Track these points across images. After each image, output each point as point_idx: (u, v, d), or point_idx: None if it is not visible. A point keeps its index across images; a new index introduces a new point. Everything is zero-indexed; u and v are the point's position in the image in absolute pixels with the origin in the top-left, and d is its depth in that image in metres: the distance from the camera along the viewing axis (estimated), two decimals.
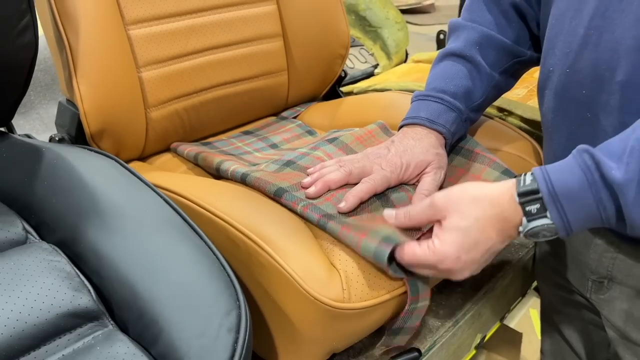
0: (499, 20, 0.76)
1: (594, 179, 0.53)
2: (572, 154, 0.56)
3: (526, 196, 0.56)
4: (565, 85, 0.65)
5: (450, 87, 0.74)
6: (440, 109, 0.74)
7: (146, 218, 0.55)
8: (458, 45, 0.76)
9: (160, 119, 0.87)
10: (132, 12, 0.81)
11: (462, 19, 0.78)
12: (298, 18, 0.99)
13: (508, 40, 0.76)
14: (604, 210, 0.54)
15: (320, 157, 0.77)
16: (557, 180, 0.55)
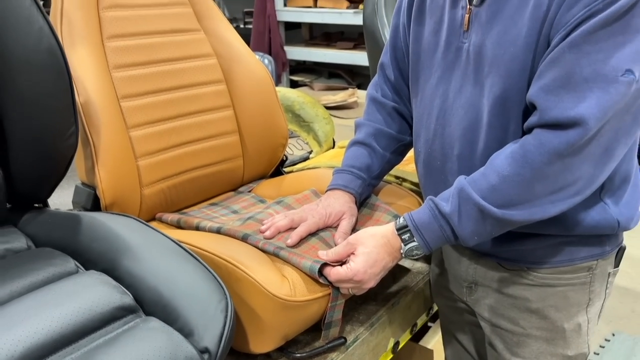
0: (385, 118, 1.14)
1: (435, 213, 0.90)
2: (425, 201, 0.92)
3: (401, 230, 0.92)
4: (427, 160, 1.03)
5: (357, 164, 1.11)
6: (350, 178, 1.10)
7: (160, 249, 0.85)
8: (360, 137, 1.13)
9: (150, 195, 1.18)
10: (132, 119, 1.14)
11: (362, 119, 1.16)
12: (249, 118, 1.35)
13: (393, 131, 1.13)
14: (444, 232, 0.90)
15: (271, 213, 1.10)
16: (417, 218, 0.92)
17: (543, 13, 0.82)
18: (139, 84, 1.16)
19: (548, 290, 0.98)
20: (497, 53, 0.87)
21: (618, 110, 0.78)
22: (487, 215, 0.85)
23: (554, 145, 0.80)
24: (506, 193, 0.84)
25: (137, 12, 1.19)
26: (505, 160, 0.84)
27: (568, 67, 0.79)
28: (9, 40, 0.83)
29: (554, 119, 0.80)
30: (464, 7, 0.92)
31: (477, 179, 0.87)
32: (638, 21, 0.76)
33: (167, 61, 1.22)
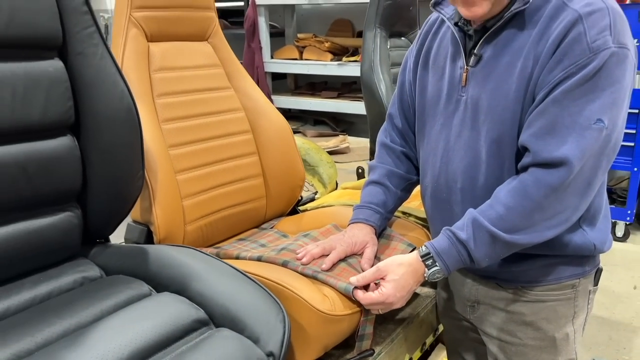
0: (395, 161, 1.33)
1: (453, 241, 1.08)
2: (442, 232, 1.11)
3: (425, 257, 1.10)
4: (434, 193, 1.22)
5: (375, 200, 1.29)
6: (370, 213, 1.27)
7: (222, 273, 1.01)
8: (375, 177, 1.31)
9: (192, 231, 1.34)
10: (178, 165, 1.32)
11: (375, 162, 1.35)
12: (271, 163, 1.54)
13: (402, 171, 1.33)
14: (462, 256, 1.08)
15: (300, 244, 1.27)
16: (438, 246, 1.09)
17: (528, 74, 1.04)
18: (183, 134, 1.35)
19: (540, 305, 1.17)
20: (491, 104, 1.08)
21: (594, 152, 1.00)
22: (497, 240, 1.04)
23: (548, 181, 1.00)
24: (512, 221, 1.03)
25: (180, 73, 1.38)
26: (509, 194, 1.04)
27: (552, 117, 1.00)
28: (99, 101, 1.00)
29: (544, 159, 1.01)
30: (462, 67, 1.14)
31: (486, 210, 1.06)
32: (604, 81, 0.98)
33: (204, 115, 1.41)
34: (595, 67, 0.97)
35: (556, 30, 0.99)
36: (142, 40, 1.31)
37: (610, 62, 0.96)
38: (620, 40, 0.97)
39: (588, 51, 0.96)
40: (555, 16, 1.01)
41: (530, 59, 1.03)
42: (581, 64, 0.97)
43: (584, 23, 0.97)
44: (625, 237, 3.04)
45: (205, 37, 1.47)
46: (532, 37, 1.03)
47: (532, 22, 1.04)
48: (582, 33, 0.97)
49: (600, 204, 1.14)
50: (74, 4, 0.95)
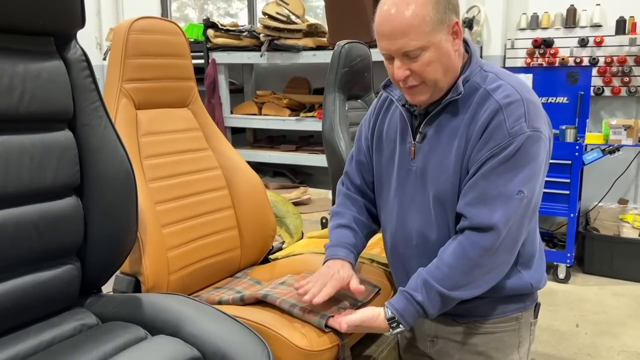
0: (359, 210, 1.49)
1: (412, 302, 1.24)
2: (399, 292, 1.27)
3: (390, 320, 1.24)
4: (393, 247, 1.40)
5: (348, 241, 1.43)
6: (347, 252, 1.41)
7: (211, 316, 1.14)
8: (345, 221, 1.45)
9: (174, 280, 1.46)
10: (163, 219, 1.44)
11: (340, 209, 1.49)
12: (246, 216, 1.68)
13: (365, 220, 1.48)
14: (419, 313, 1.24)
15: (279, 291, 1.40)
16: (399, 308, 1.24)
17: (462, 152, 1.25)
18: (168, 192, 1.48)
19: (490, 336, 1.34)
20: (435, 175, 1.28)
21: (517, 217, 1.20)
22: (445, 297, 1.22)
23: (482, 243, 1.20)
24: (455, 279, 1.22)
25: (164, 137, 1.53)
26: (451, 256, 1.22)
27: (481, 190, 1.21)
28: (102, 165, 1.14)
29: (477, 225, 1.20)
30: (410, 142, 1.34)
31: (434, 271, 1.23)
32: (522, 159, 1.19)
33: (186, 174, 1.56)
34: (515, 148, 1.18)
35: (482, 117, 1.22)
36: (131, 108, 1.46)
37: (526, 143, 1.18)
38: (534, 124, 1.20)
39: (508, 135, 1.19)
40: (481, 104, 1.23)
41: (463, 139, 1.24)
42: (503, 146, 1.19)
43: (504, 112, 1.20)
44: (566, 279, 3.25)
45: (186, 104, 1.63)
46: (465, 120, 1.25)
47: (464, 108, 1.26)
48: (503, 121, 1.19)
49: (533, 249, 1.34)
50: (84, 83, 1.10)
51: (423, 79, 1.22)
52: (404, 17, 1.17)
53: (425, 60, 1.20)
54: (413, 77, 1.23)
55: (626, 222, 3.41)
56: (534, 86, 3.53)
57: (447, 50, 1.22)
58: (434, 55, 1.20)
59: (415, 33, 1.17)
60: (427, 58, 1.20)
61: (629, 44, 3.46)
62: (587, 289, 3.17)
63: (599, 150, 3.19)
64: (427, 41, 1.18)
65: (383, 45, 1.23)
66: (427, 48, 1.19)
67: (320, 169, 4.47)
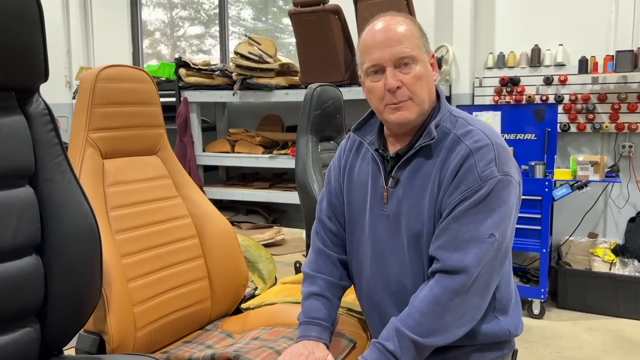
0: (332, 269, 1.43)
1: (384, 352, 1.20)
2: (371, 343, 1.23)
3: None
4: (367, 295, 1.37)
5: (321, 315, 1.36)
6: (320, 330, 1.34)
7: None
8: (317, 290, 1.39)
9: (141, 336, 1.40)
10: (130, 273, 1.39)
11: (311, 270, 1.43)
12: (216, 265, 1.63)
13: (338, 280, 1.43)
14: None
15: (251, 347, 1.35)
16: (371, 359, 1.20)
17: (435, 197, 1.24)
18: (135, 243, 1.43)
19: None
20: (410, 221, 1.27)
21: (488, 259, 1.19)
22: (419, 345, 1.19)
23: (452, 286, 1.18)
24: (427, 325, 1.19)
25: (132, 186, 1.49)
26: (422, 302, 1.20)
27: (453, 233, 1.20)
28: (66, 221, 1.09)
29: (448, 267, 1.19)
30: (382, 186, 1.32)
31: (405, 319, 1.20)
32: (493, 203, 1.19)
33: (154, 224, 1.51)
34: (486, 192, 1.19)
35: (454, 162, 1.22)
36: (97, 158, 1.42)
37: (497, 187, 1.19)
38: (504, 169, 1.21)
39: (479, 179, 1.19)
40: (452, 149, 1.24)
41: (436, 184, 1.24)
42: (474, 189, 1.19)
43: (475, 156, 1.21)
44: (541, 315, 3.25)
45: (155, 151, 1.60)
46: (436, 165, 1.25)
47: (435, 152, 1.26)
48: (474, 165, 1.20)
49: (509, 294, 1.33)
50: (47, 137, 1.06)
51: (412, 93, 1.24)
52: (397, 29, 1.24)
53: (417, 73, 1.24)
54: (402, 91, 1.24)
55: (597, 255, 3.45)
56: (502, 123, 3.60)
57: (430, 73, 1.27)
58: (423, 71, 1.25)
59: (409, 42, 1.23)
60: (418, 71, 1.24)
61: (591, 82, 3.57)
62: (562, 324, 3.17)
63: (568, 185, 3.24)
64: (418, 54, 1.24)
65: (375, 55, 1.25)
66: (418, 61, 1.24)
67: (294, 206, 4.44)
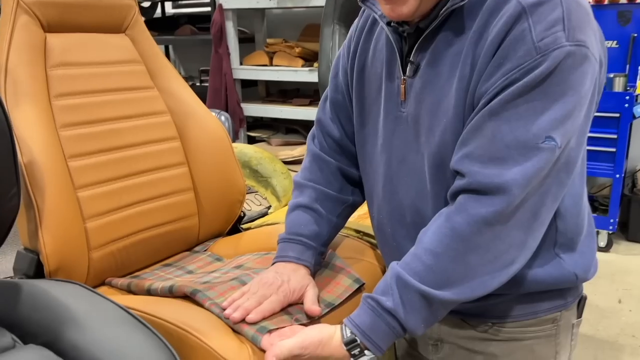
0: (328, 178, 1.09)
1: (379, 311, 0.85)
2: (362, 301, 0.87)
3: (350, 346, 0.84)
4: (379, 227, 1.01)
5: (305, 231, 1.04)
6: (301, 249, 1.03)
7: (108, 318, 0.79)
8: (304, 200, 1.06)
9: (100, 258, 1.12)
10: (80, 179, 1.09)
11: (302, 179, 1.09)
12: (204, 175, 1.32)
13: (335, 192, 1.08)
14: (393, 328, 0.85)
15: (229, 275, 1.05)
16: (362, 324, 0.85)
17: (466, 84, 0.83)
18: (88, 142, 1.12)
19: (514, 344, 0.96)
20: (432, 123, 0.88)
21: (542, 176, 0.79)
22: (429, 300, 0.82)
23: (481, 214, 0.80)
24: (443, 271, 0.82)
25: (87, 70, 1.16)
26: (435, 237, 0.83)
27: (489, 134, 0.80)
28: None
29: (478, 185, 0.80)
30: (399, 77, 0.93)
31: (411, 262, 0.84)
32: (556, 89, 0.77)
33: (118, 119, 1.19)
34: (545, 71, 0.76)
35: (496, 28, 0.79)
36: (35, 29, 1.09)
37: (565, 64, 0.76)
38: (577, 36, 0.77)
39: (534, 52, 0.76)
40: (495, 10, 0.81)
41: (467, 65, 0.83)
42: (526, 68, 0.77)
43: (529, 17, 0.77)
44: (608, 247, 2.87)
45: (121, 29, 1.25)
46: (470, 37, 0.83)
47: (470, 20, 0.83)
48: (527, 30, 0.77)
49: (579, 225, 0.94)
50: None
51: None
52: None
53: None
54: None
55: None
56: None
57: None
58: None
59: None
60: None
61: None
62: (631, 259, 2.78)
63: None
64: None
65: None
66: None
67: None
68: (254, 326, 0.86)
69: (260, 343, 0.83)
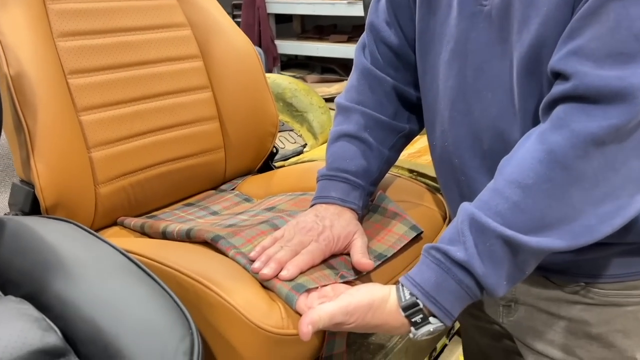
0: (381, 100, 0.88)
1: (447, 266, 0.65)
2: (423, 253, 0.68)
3: (410, 311, 0.65)
4: (442, 157, 0.80)
5: (351, 167, 0.84)
6: (347, 188, 0.83)
7: (104, 266, 0.63)
8: (351, 128, 0.86)
9: (109, 194, 0.95)
10: (83, 100, 0.91)
11: (348, 100, 0.89)
12: (231, 102, 1.13)
13: (389, 118, 0.88)
14: (467, 288, 0.65)
15: (259, 219, 0.87)
16: (423, 281, 0.65)
17: None
18: (94, 56, 0.94)
19: (614, 310, 0.76)
20: (527, 14, 0.65)
21: None
22: (518, 249, 0.62)
23: (590, 130, 0.59)
24: (536, 210, 0.62)
25: None
26: (524, 164, 0.62)
27: (611, 20, 0.57)
28: None
29: (590, 91, 0.58)
30: None
31: (490, 201, 0.64)
32: None
33: (128, 30, 1.00)
34: None
35: None
36: None
37: None
38: None
39: None
40: None
41: None
42: None
43: None
44: None
45: None
46: None
47: None
48: None
49: None
50: None
51: None
52: None
53: None
54: None
55: None
56: None
57: None
58: None
59: None
60: None
61: None
62: None
63: None
64: None
65: None
66: None
67: None
68: (289, 282, 0.68)
69: (296, 305, 0.66)
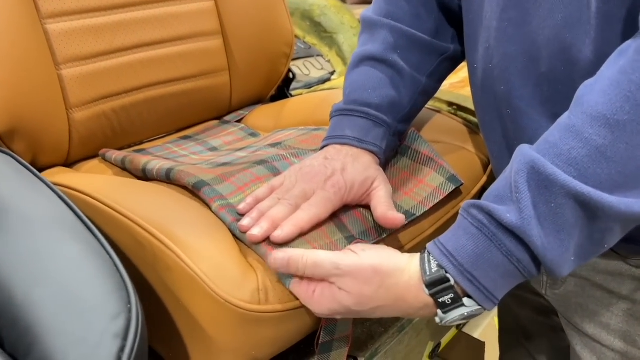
0: (417, 10, 0.68)
1: (492, 231, 0.46)
2: (460, 213, 0.50)
3: (432, 287, 0.48)
4: (485, 81, 0.61)
5: (374, 99, 0.66)
6: (366, 125, 0.65)
7: (33, 215, 0.49)
8: (376, 48, 0.67)
9: (86, 120, 0.81)
10: (49, 4, 0.75)
11: (376, 13, 0.70)
12: (238, 14, 0.95)
13: (428, 35, 0.68)
14: (518, 262, 0.47)
15: (259, 155, 0.71)
16: (457, 250, 0.47)
17: None
18: None
19: None
20: None
21: None
22: (596, 213, 0.43)
23: None
24: (629, 159, 0.43)
25: None
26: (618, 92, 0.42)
27: None
28: None
29: None
30: None
31: (560, 143, 0.45)
32: None
33: None
34: None
35: None
36: None
37: None
38: None
39: None
40: None
41: None
42: None
43: None
44: None
45: None
46: None
47: None
48: None
49: None
50: None
51: None
52: None
53: None
54: None
55: None
56: None
57: None
58: None
59: None
60: None
61: None
62: None
63: None
64: None
65: None
66: None
67: None
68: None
69: (291, 284, 0.50)
